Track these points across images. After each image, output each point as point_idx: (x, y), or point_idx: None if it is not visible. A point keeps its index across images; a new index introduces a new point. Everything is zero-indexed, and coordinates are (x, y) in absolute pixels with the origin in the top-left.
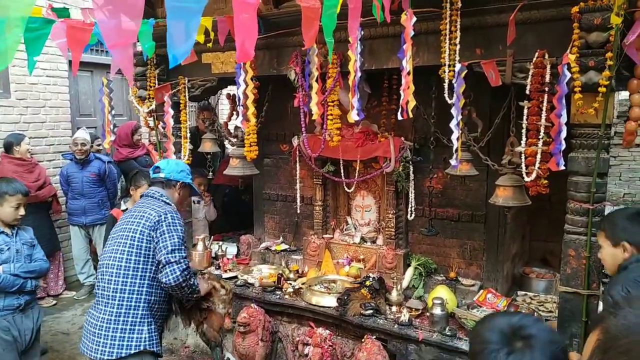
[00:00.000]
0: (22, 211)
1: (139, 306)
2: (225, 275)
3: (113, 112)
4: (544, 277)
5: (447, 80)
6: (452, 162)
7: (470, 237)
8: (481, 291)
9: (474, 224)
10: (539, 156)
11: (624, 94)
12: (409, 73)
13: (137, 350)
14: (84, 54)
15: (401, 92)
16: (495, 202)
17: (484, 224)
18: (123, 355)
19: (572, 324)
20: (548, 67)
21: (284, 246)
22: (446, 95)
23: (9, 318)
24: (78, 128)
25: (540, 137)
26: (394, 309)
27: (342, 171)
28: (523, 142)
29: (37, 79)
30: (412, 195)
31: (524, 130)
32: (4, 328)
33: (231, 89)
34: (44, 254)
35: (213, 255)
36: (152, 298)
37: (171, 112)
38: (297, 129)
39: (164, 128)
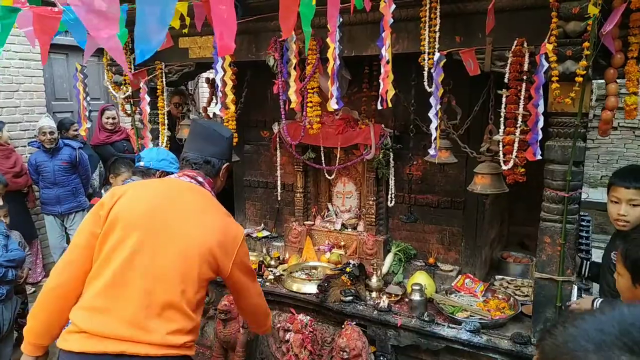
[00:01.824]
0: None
1: None
2: None
3: (88, 98)
4: (521, 262)
5: (426, 69)
6: (431, 151)
7: (449, 223)
8: (459, 276)
9: (453, 210)
10: (516, 145)
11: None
12: (388, 62)
13: None
14: (59, 37)
15: (380, 81)
16: (473, 190)
17: (463, 210)
18: None
19: (547, 309)
20: (526, 55)
21: (265, 233)
22: (425, 83)
23: None
24: (54, 113)
25: (518, 125)
26: (374, 294)
27: (322, 158)
28: (501, 130)
29: (9, 62)
30: (392, 182)
31: (502, 119)
32: None
33: (211, 73)
34: (18, 244)
35: None
36: None
37: (147, 98)
38: (277, 115)
39: (140, 114)
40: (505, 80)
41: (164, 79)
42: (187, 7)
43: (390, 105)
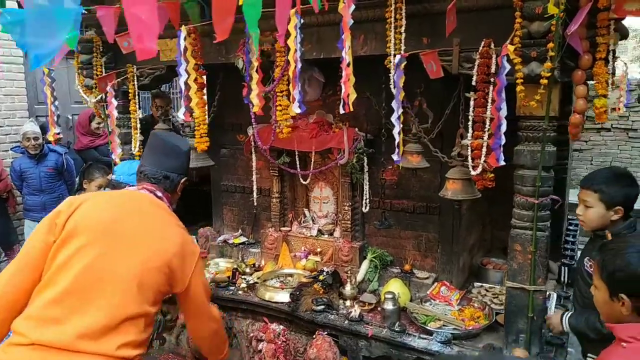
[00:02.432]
0: None
1: None
2: None
3: (56, 102)
4: (501, 268)
5: (392, 71)
6: (394, 156)
7: (425, 229)
8: (435, 284)
9: (429, 216)
10: (484, 149)
11: None
12: (349, 64)
13: None
14: None
15: (342, 84)
16: (445, 195)
17: (439, 215)
18: None
19: (519, 319)
20: (494, 57)
21: (242, 239)
22: (392, 86)
23: None
24: (37, 117)
25: (486, 129)
26: (347, 303)
27: (297, 162)
28: (469, 134)
29: None
30: (366, 187)
31: (470, 123)
32: None
33: None
34: None
35: None
36: None
37: (114, 102)
38: (256, 118)
39: (117, 118)
40: (473, 83)
41: (135, 82)
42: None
43: (351, 109)
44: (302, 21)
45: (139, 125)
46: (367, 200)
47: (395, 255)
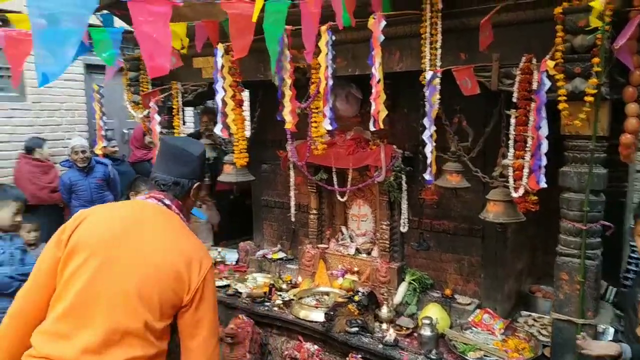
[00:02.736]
0: (19, 217)
1: None
2: (218, 283)
3: (104, 117)
4: (551, 297)
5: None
6: (426, 176)
7: (468, 252)
8: (477, 311)
9: (472, 238)
10: (526, 170)
11: None
12: (379, 81)
13: None
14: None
15: (372, 101)
16: (486, 218)
17: (482, 238)
18: None
19: (566, 355)
20: (535, 73)
21: (280, 254)
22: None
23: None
24: (94, 131)
25: (527, 149)
26: (383, 326)
27: (335, 179)
28: (510, 154)
29: (52, 82)
30: (404, 206)
31: (511, 142)
32: None
33: None
34: (35, 259)
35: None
36: None
37: (157, 118)
38: (293, 135)
39: (161, 133)
40: (514, 100)
41: (180, 99)
42: (187, 28)
43: (382, 126)
44: (333, 38)
45: None
46: (406, 219)
47: (436, 278)
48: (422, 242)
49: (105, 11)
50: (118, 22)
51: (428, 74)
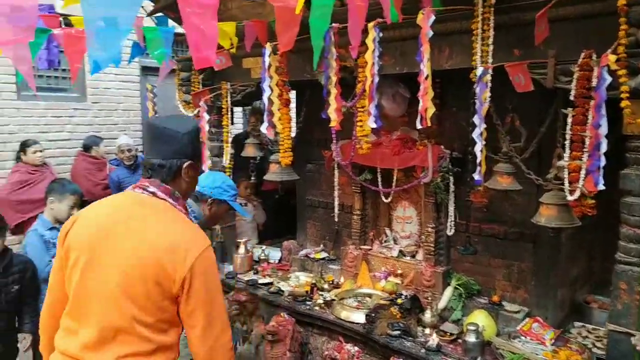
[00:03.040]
0: (75, 210)
1: None
2: (261, 281)
3: (157, 115)
4: (608, 308)
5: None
6: (475, 176)
7: (518, 258)
8: (526, 319)
9: (523, 243)
10: (583, 172)
11: None
12: (427, 77)
13: None
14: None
15: (419, 98)
16: (538, 222)
17: (534, 243)
18: None
19: None
20: (595, 69)
21: (323, 254)
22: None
23: None
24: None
25: (585, 150)
26: (427, 331)
27: (379, 180)
28: (566, 155)
29: (110, 83)
30: (451, 209)
31: (567, 142)
32: None
33: None
34: None
35: (256, 259)
36: None
37: (206, 117)
38: (339, 133)
39: (209, 132)
40: (571, 98)
41: (229, 99)
42: (236, 27)
43: (429, 123)
44: (381, 35)
45: (230, 139)
46: (453, 222)
47: (483, 284)
48: (469, 246)
49: (160, 13)
50: (172, 25)
51: (479, 71)
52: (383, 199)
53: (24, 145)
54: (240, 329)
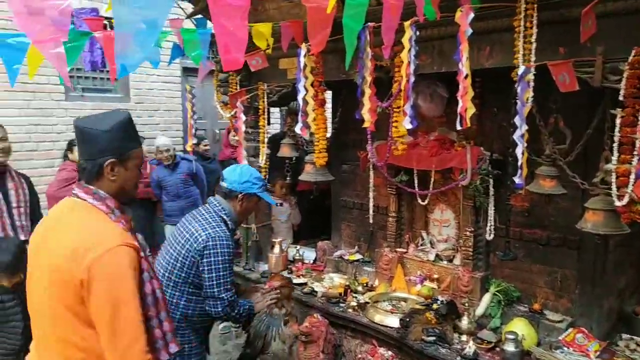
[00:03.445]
0: None
1: (174, 316)
2: (295, 281)
3: (195, 116)
4: None
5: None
6: (516, 179)
7: (562, 265)
8: (570, 329)
9: (566, 250)
10: (632, 176)
11: None
12: (466, 77)
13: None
14: None
15: (459, 98)
16: (583, 228)
17: (578, 250)
18: None
19: None
20: None
21: (357, 256)
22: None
23: None
24: (197, 130)
25: (634, 152)
26: (463, 338)
27: (416, 181)
28: (614, 158)
29: (153, 84)
30: (491, 212)
31: (615, 144)
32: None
33: None
34: None
35: (290, 259)
36: (189, 312)
37: (243, 117)
38: (375, 134)
39: (246, 132)
40: (620, 98)
41: (265, 99)
42: (273, 28)
43: (469, 124)
44: (417, 33)
45: (266, 139)
46: (492, 226)
47: (524, 291)
48: (509, 251)
49: (199, 15)
50: (210, 27)
51: (520, 69)
52: (419, 201)
53: (71, 145)
54: (279, 314)
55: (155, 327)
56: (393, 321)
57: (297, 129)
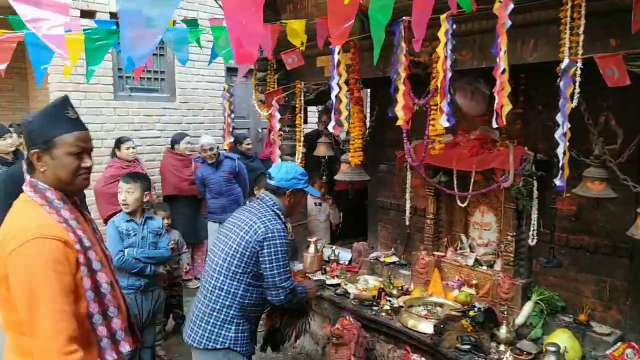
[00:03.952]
0: (146, 197)
1: (231, 306)
2: (328, 282)
3: (233, 115)
4: None
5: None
6: (557, 181)
7: (611, 274)
8: (619, 344)
9: (617, 258)
10: None
11: None
12: (503, 71)
13: (222, 347)
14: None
15: (495, 94)
16: (634, 235)
17: (631, 258)
18: (209, 347)
19: None
20: None
21: (393, 258)
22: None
23: (131, 296)
24: (233, 129)
25: None
26: (501, 347)
27: (455, 182)
28: None
29: (197, 84)
30: (534, 216)
31: None
32: (128, 304)
33: None
34: (167, 244)
35: (325, 259)
36: (246, 302)
37: (278, 115)
38: (413, 134)
39: (283, 131)
40: None
41: (302, 97)
42: (309, 25)
43: (504, 122)
44: (454, 27)
45: (302, 138)
46: (535, 231)
47: (569, 301)
48: (553, 257)
49: None
50: None
51: (564, 63)
52: (459, 203)
53: (119, 142)
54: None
55: (99, 324)
56: (427, 327)
57: (330, 127)
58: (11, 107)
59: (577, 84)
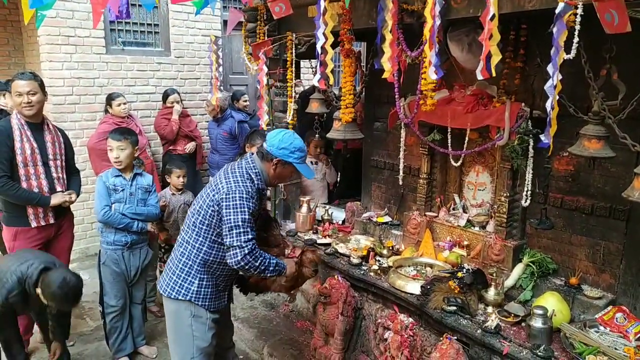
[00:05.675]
0: (136, 152)
1: (195, 261)
2: (320, 241)
3: (220, 69)
4: None
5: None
6: (542, 137)
7: (606, 237)
8: (609, 307)
9: (613, 221)
10: None
11: None
12: (492, 18)
13: (184, 299)
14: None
15: (481, 41)
16: (630, 197)
17: (627, 221)
18: (172, 297)
19: None
20: None
21: (386, 219)
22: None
23: (118, 252)
24: (230, 85)
25: None
26: (489, 309)
27: (449, 140)
28: None
29: (193, 38)
30: (529, 177)
31: None
32: (114, 260)
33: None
34: (157, 202)
35: (319, 218)
36: (210, 258)
37: (265, 69)
38: (410, 90)
39: (274, 86)
40: None
41: (293, 50)
42: None
43: (494, 73)
44: None
45: (294, 94)
46: (529, 192)
47: (561, 263)
48: (544, 219)
49: None
50: None
51: (559, 7)
52: (453, 162)
53: (110, 99)
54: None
55: None
56: (414, 287)
57: (315, 80)
58: (7, 62)
59: (577, 32)
